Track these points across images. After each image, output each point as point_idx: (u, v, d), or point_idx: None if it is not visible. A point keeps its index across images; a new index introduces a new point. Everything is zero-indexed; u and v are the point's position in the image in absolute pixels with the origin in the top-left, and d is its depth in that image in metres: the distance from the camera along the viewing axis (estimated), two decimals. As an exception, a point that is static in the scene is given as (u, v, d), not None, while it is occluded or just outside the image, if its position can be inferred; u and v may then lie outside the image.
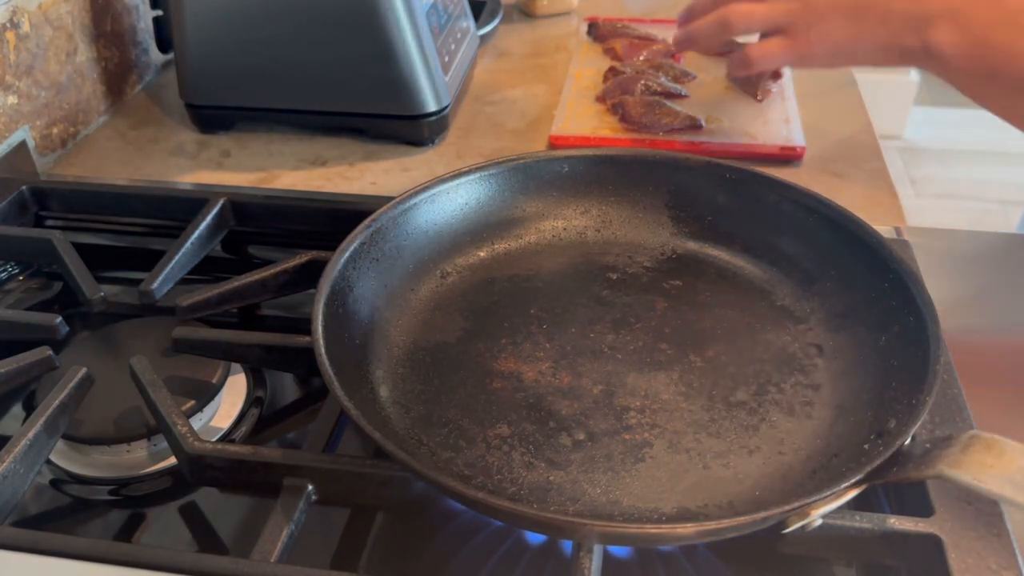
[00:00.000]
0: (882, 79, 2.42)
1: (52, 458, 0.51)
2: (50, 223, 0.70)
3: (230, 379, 0.55)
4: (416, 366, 0.51)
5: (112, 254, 0.69)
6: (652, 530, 0.40)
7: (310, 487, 0.44)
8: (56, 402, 0.47)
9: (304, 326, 0.46)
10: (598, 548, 0.40)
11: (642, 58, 0.89)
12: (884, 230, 0.59)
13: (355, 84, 0.76)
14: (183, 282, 0.60)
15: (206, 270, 0.63)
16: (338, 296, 0.49)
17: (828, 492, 0.38)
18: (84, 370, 0.49)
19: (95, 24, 0.82)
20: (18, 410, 0.55)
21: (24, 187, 0.68)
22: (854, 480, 0.38)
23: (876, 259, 0.50)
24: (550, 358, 0.51)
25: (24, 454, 0.45)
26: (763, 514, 0.38)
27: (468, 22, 0.89)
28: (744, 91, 0.83)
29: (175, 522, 0.48)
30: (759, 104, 0.81)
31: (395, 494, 0.44)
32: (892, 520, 0.42)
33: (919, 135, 2.55)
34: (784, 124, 0.78)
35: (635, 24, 0.97)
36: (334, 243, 0.52)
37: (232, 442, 0.52)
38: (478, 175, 0.58)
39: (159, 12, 0.87)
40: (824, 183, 0.72)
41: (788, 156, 0.75)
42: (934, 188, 2.35)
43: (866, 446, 0.42)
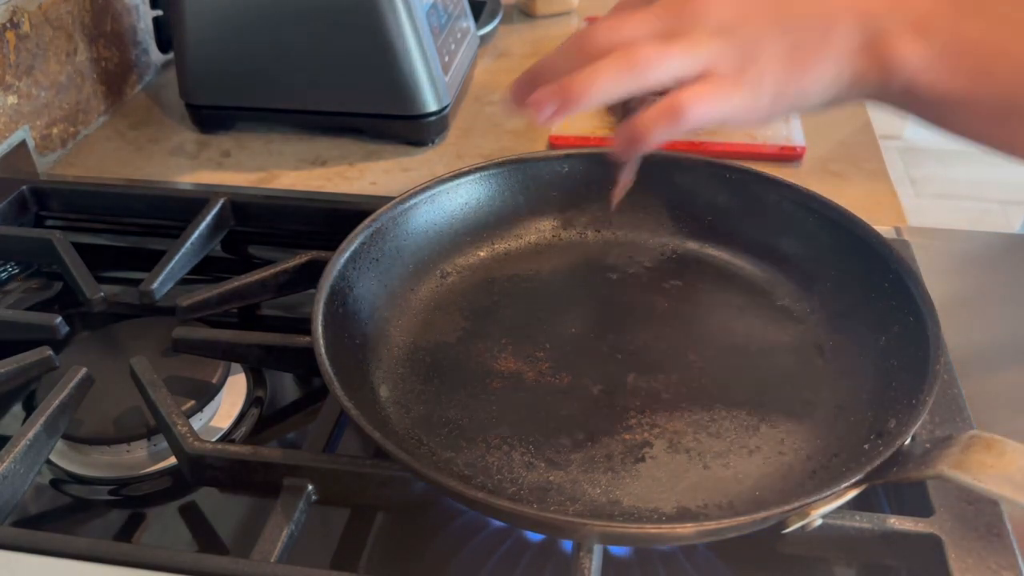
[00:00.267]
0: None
1: (52, 458, 0.51)
2: (50, 223, 0.70)
3: (230, 379, 0.55)
4: (416, 366, 0.51)
5: (112, 254, 0.69)
6: (652, 530, 0.40)
7: (310, 487, 0.44)
8: (56, 402, 0.47)
9: (304, 326, 0.46)
10: (598, 548, 0.40)
11: (642, 58, 0.89)
12: (884, 230, 0.59)
13: (355, 84, 0.76)
14: (183, 282, 0.60)
15: (206, 270, 0.63)
16: (338, 296, 0.49)
17: (828, 492, 0.38)
18: (84, 370, 0.49)
19: (95, 24, 0.82)
20: (18, 410, 0.55)
21: (24, 187, 0.68)
22: (854, 480, 0.38)
23: (876, 259, 0.50)
24: (550, 358, 0.51)
25: (24, 454, 0.45)
26: (763, 514, 0.38)
27: (468, 22, 0.89)
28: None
29: (175, 522, 0.48)
30: (759, 104, 0.81)
31: (395, 494, 0.44)
32: (892, 520, 0.42)
33: (919, 135, 2.55)
34: (784, 124, 0.78)
35: (635, 24, 0.97)
36: (334, 243, 0.52)
37: (232, 442, 0.52)
38: (478, 175, 0.58)
39: (159, 12, 0.87)
40: (824, 183, 0.72)
41: (788, 156, 0.75)
42: (934, 188, 2.35)
43: (866, 446, 0.42)
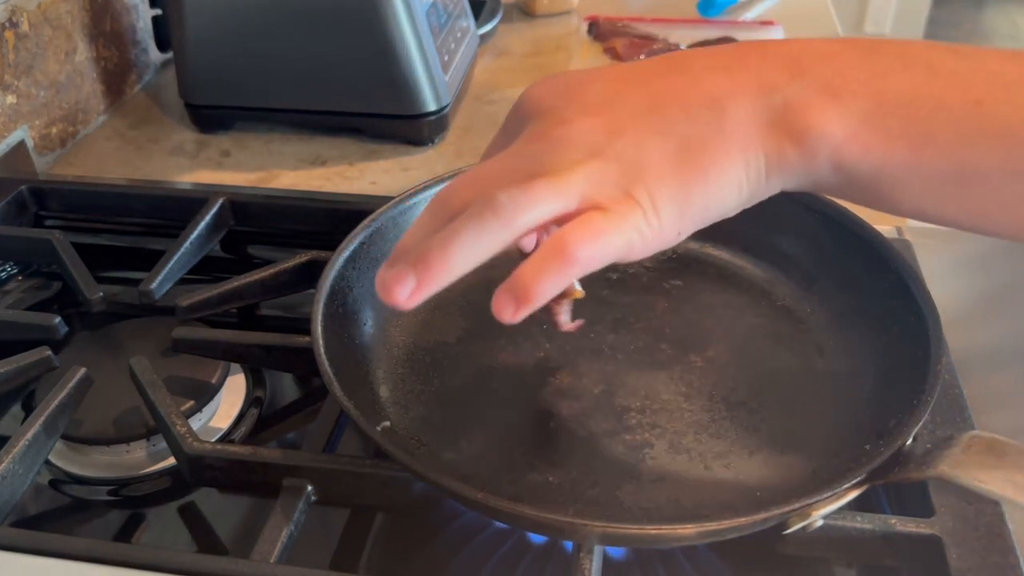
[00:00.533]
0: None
1: (51, 458, 0.51)
2: (49, 223, 0.70)
3: (229, 379, 0.55)
4: (416, 366, 0.50)
5: (111, 254, 0.69)
6: (652, 531, 0.40)
7: (310, 487, 0.44)
8: (55, 402, 0.47)
9: (304, 326, 0.46)
10: (598, 549, 0.40)
11: (642, 57, 0.89)
12: (885, 230, 0.58)
13: (355, 83, 0.76)
14: (182, 282, 0.59)
15: (205, 270, 0.63)
16: (338, 296, 0.49)
17: (829, 493, 0.38)
18: (83, 370, 0.49)
19: (94, 23, 0.82)
20: (17, 410, 0.55)
21: (23, 187, 0.68)
22: (855, 481, 0.38)
23: (877, 259, 0.50)
24: (550, 358, 0.51)
25: (23, 454, 0.45)
26: (764, 515, 0.37)
27: (468, 21, 0.89)
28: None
29: (174, 522, 0.48)
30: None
31: (395, 495, 0.44)
32: (893, 521, 0.42)
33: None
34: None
35: (635, 23, 0.97)
36: (334, 243, 0.51)
37: (231, 442, 0.52)
38: (478, 175, 0.58)
39: (158, 11, 0.87)
40: (824, 183, 0.71)
41: (788, 155, 0.74)
42: (934, 187, 2.34)
43: (867, 446, 0.42)
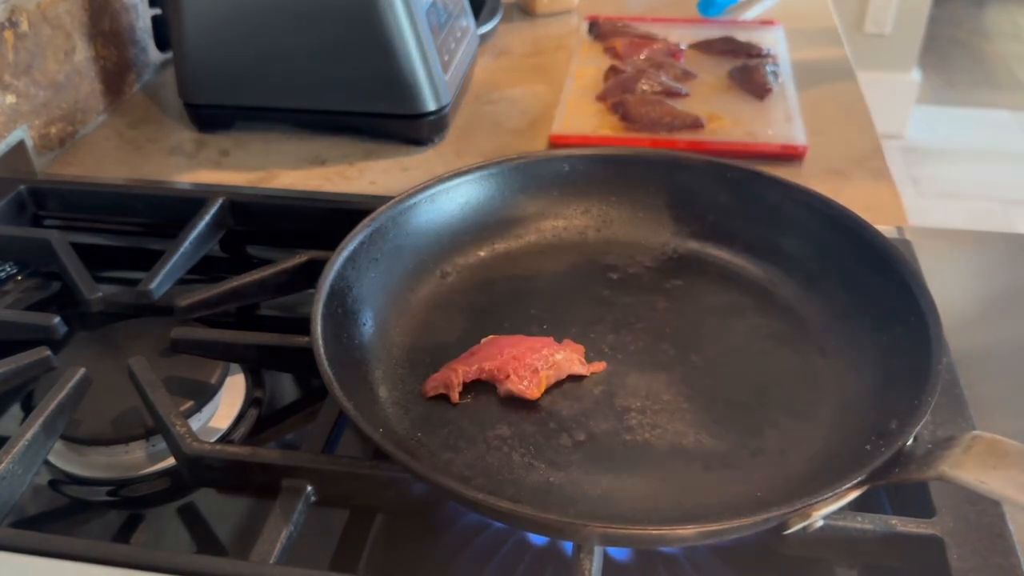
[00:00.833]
0: (883, 78, 2.42)
1: (50, 459, 0.51)
2: (48, 223, 0.70)
3: (229, 379, 0.55)
4: (416, 366, 0.50)
5: (110, 254, 0.69)
6: (653, 531, 0.39)
7: (309, 488, 0.44)
8: (54, 403, 0.47)
9: (303, 326, 0.46)
10: (598, 549, 0.40)
11: (643, 57, 0.89)
12: (886, 230, 0.58)
13: (355, 83, 0.76)
14: (181, 282, 0.59)
15: (204, 270, 0.63)
16: (337, 296, 0.49)
17: (830, 493, 0.38)
18: (82, 370, 0.49)
19: (93, 23, 0.82)
20: (16, 410, 0.54)
21: (22, 187, 0.68)
22: (856, 481, 0.38)
23: (878, 259, 0.50)
24: (550, 358, 0.50)
25: (22, 455, 0.45)
26: (764, 515, 0.37)
27: (468, 21, 0.88)
28: (745, 90, 0.82)
29: (174, 523, 0.48)
30: (760, 103, 0.81)
31: (395, 495, 0.44)
32: (894, 521, 0.42)
33: (921, 134, 2.55)
34: (785, 123, 0.78)
35: (636, 23, 0.97)
36: (333, 243, 0.51)
37: (231, 443, 0.52)
38: (478, 175, 0.58)
39: (158, 11, 0.87)
40: (826, 182, 0.71)
41: (790, 155, 0.74)
42: (936, 188, 2.35)
43: (868, 447, 0.42)
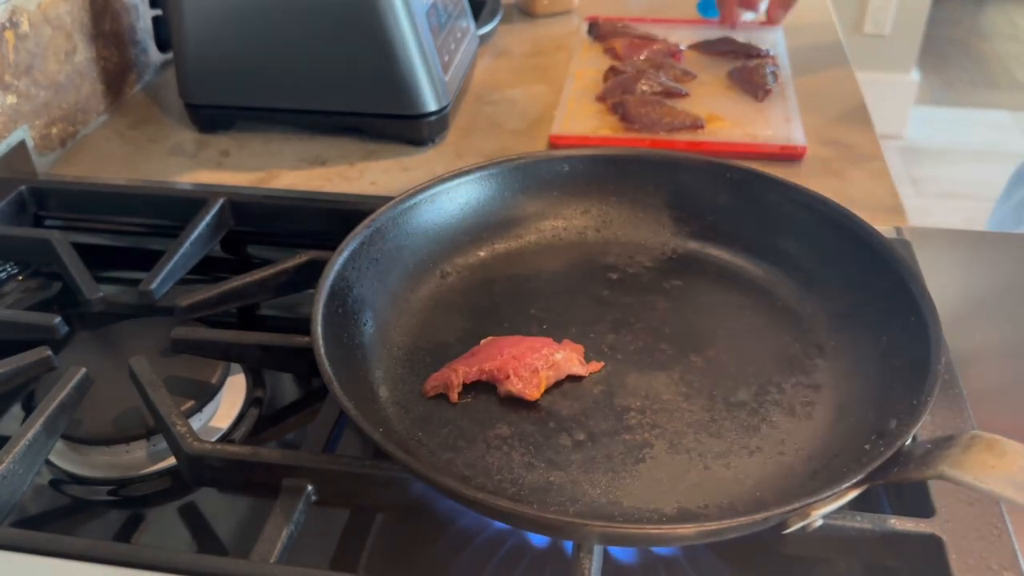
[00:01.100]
0: (883, 79, 2.42)
1: (51, 458, 0.51)
2: (49, 223, 0.70)
3: (229, 379, 0.55)
4: (416, 366, 0.50)
5: (111, 254, 0.69)
6: (653, 531, 0.40)
7: (309, 488, 0.44)
8: (55, 402, 0.47)
9: (304, 326, 0.46)
10: (598, 549, 0.40)
11: (642, 57, 0.89)
12: (885, 230, 0.59)
13: (355, 84, 0.76)
14: (182, 282, 0.59)
15: (205, 270, 0.63)
16: (338, 296, 0.49)
17: (829, 492, 0.38)
18: (83, 370, 0.49)
19: (94, 23, 0.82)
20: (17, 410, 0.55)
21: (23, 187, 0.68)
22: (855, 480, 0.38)
23: (877, 259, 0.50)
24: (550, 358, 0.50)
25: (23, 454, 0.45)
26: (764, 515, 0.37)
27: (468, 22, 0.88)
28: (745, 90, 0.83)
29: (174, 523, 0.48)
30: (760, 103, 0.81)
31: (395, 495, 0.44)
32: (893, 521, 0.42)
33: (920, 135, 2.55)
34: (785, 123, 0.78)
35: (635, 23, 0.97)
36: (334, 243, 0.51)
37: (231, 442, 0.52)
38: (478, 175, 0.58)
39: (158, 11, 0.87)
40: (825, 182, 0.72)
41: (789, 155, 0.74)
42: (935, 188, 2.35)
43: (867, 446, 0.42)
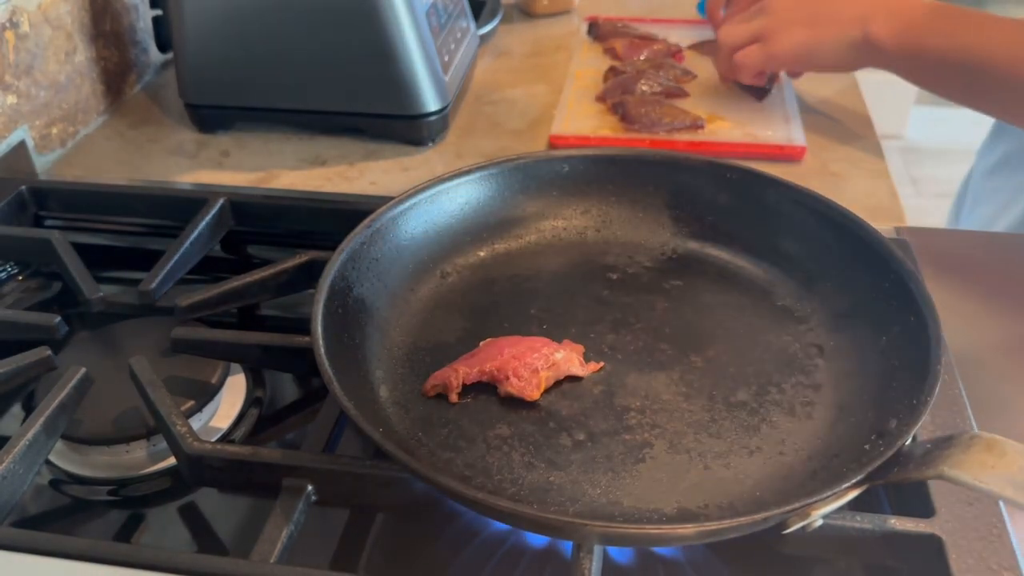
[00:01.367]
0: (883, 79, 2.42)
1: (51, 458, 0.51)
2: (49, 223, 0.70)
3: (229, 379, 0.55)
4: (416, 366, 0.50)
5: (111, 254, 0.69)
6: (653, 531, 0.40)
7: (309, 487, 0.44)
8: (55, 402, 0.47)
9: (304, 326, 0.46)
10: (598, 549, 0.40)
11: (642, 57, 0.89)
12: (885, 230, 0.59)
13: (355, 84, 0.76)
14: (182, 282, 0.59)
15: (205, 270, 0.63)
16: (338, 296, 0.49)
17: (829, 492, 0.38)
18: (83, 370, 0.49)
19: (94, 24, 0.82)
20: (17, 410, 0.55)
21: (23, 187, 0.68)
22: (855, 480, 0.38)
23: (877, 259, 0.50)
24: (550, 358, 0.50)
25: (23, 454, 0.45)
26: (764, 515, 0.37)
27: (468, 22, 0.89)
28: (745, 90, 0.83)
29: (174, 523, 0.48)
30: (760, 103, 0.81)
31: (395, 495, 0.44)
32: (893, 521, 0.42)
33: (920, 135, 2.55)
34: (785, 123, 0.78)
35: (635, 23, 0.97)
36: (334, 243, 0.51)
37: (231, 442, 0.52)
38: (478, 175, 0.58)
39: (158, 11, 0.87)
40: (825, 183, 0.72)
41: (789, 155, 0.74)
42: (934, 188, 2.35)
43: (867, 446, 0.42)
